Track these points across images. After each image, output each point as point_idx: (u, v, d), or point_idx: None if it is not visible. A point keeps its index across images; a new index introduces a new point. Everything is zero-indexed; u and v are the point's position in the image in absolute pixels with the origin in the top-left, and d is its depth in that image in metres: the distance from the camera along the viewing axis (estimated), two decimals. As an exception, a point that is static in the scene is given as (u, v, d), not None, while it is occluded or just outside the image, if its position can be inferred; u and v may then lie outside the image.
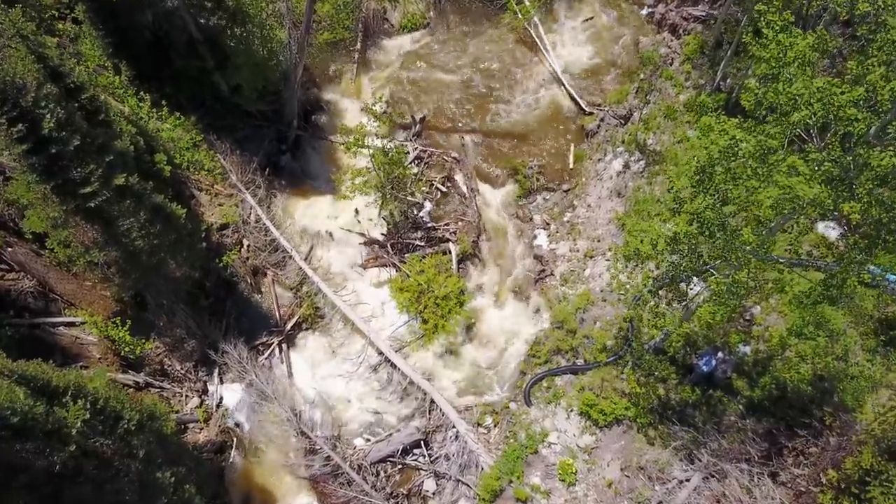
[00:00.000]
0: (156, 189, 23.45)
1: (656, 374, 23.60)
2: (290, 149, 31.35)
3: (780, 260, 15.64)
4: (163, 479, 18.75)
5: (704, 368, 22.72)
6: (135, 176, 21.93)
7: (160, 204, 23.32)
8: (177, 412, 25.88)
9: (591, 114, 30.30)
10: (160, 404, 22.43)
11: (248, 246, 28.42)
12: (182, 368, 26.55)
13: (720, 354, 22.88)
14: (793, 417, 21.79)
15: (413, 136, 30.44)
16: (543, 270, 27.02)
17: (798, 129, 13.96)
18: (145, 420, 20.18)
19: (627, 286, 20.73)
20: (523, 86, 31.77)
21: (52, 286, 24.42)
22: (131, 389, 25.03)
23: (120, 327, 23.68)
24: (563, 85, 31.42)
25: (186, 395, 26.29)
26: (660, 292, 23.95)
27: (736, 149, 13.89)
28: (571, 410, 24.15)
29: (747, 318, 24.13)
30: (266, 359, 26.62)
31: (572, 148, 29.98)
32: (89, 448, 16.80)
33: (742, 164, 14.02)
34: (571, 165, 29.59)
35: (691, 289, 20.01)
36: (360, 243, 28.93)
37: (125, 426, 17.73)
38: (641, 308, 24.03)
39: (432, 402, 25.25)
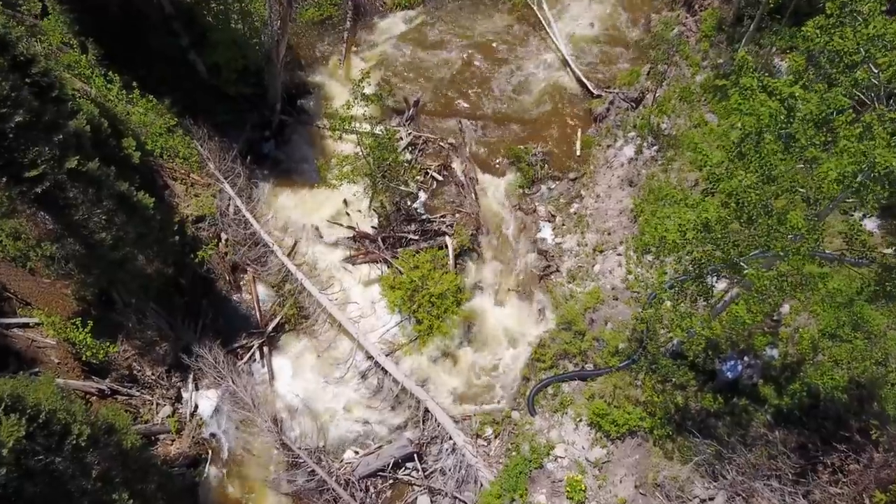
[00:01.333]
0: (120, 176, 21.71)
1: (674, 380, 21.80)
2: (274, 135, 29.91)
3: (826, 253, 13.52)
4: (119, 501, 16.73)
5: (729, 375, 20.80)
6: (95, 161, 19.99)
7: (124, 192, 21.57)
8: (146, 422, 24.26)
9: (599, 96, 29.07)
10: (121, 415, 20.47)
11: (227, 240, 26.95)
12: (153, 374, 24.96)
13: (746, 359, 20.83)
14: (828, 429, 19.73)
15: (406, 121, 29.00)
16: (548, 266, 25.77)
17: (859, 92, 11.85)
18: (101, 434, 18.22)
19: (645, 282, 18.80)
20: (526, 67, 30.61)
21: (3, 283, 22.37)
22: (94, 398, 23.04)
23: (80, 329, 21.78)
24: (569, 66, 30.17)
25: (158, 403, 24.69)
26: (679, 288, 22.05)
27: (792, 111, 11.70)
28: (580, 420, 22.35)
29: (774, 317, 22.14)
30: (245, 363, 25.40)
31: (579, 133, 28.78)
32: (32, 467, 14.84)
33: (801, 127, 11.81)
34: (578, 152, 28.39)
35: (715, 284, 17.95)
36: (349, 237, 27.38)
37: (74, 441, 15.73)
38: (657, 307, 21.96)
39: (427, 411, 23.65)
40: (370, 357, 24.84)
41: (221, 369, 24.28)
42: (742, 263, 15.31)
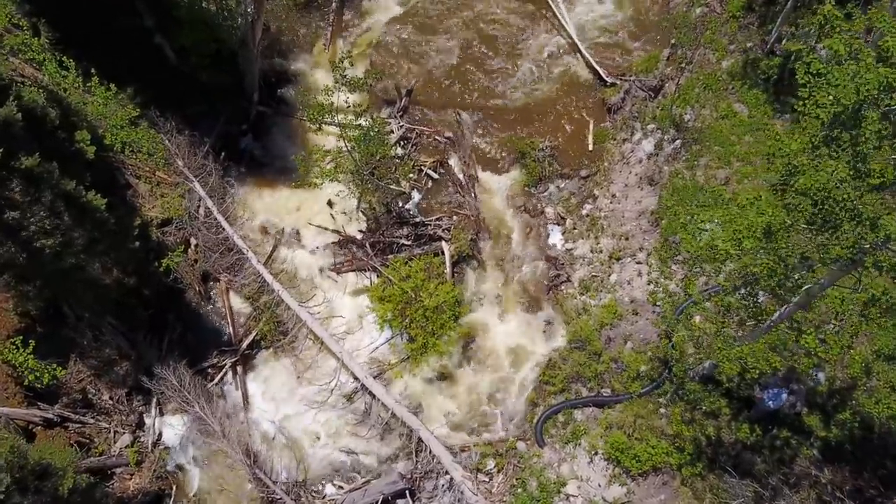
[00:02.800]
0: (67, 173, 19.21)
1: (703, 407, 19.58)
2: (252, 129, 27.77)
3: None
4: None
5: (770, 405, 18.45)
6: (35, 156, 17.59)
7: (71, 192, 19.25)
8: (101, 453, 22.27)
9: (613, 85, 27.21)
10: (62, 452, 17.95)
11: (197, 246, 24.90)
12: (111, 397, 22.86)
13: (793, 387, 18.31)
14: (889, 469, 17.18)
15: (398, 112, 26.92)
16: (558, 275, 24.05)
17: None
18: (31, 480, 15.61)
19: (670, 295, 16.43)
20: (531, 52, 28.65)
21: (-72, 297, 19.87)
22: (39, 428, 20.61)
23: (21, 349, 19.22)
24: (580, 50, 28.24)
25: (116, 431, 22.62)
26: (708, 303, 19.72)
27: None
28: (595, 454, 20.18)
29: (820, 336, 19.56)
30: (216, 385, 23.71)
31: (591, 126, 26.89)
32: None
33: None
34: (591, 147, 26.54)
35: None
36: (334, 242, 25.47)
37: (-11, 495, 13.15)
38: (685, 322, 19.67)
39: (420, 440, 21.77)
40: (357, 378, 22.80)
41: (187, 393, 22.18)
42: (798, 277, 12.69)
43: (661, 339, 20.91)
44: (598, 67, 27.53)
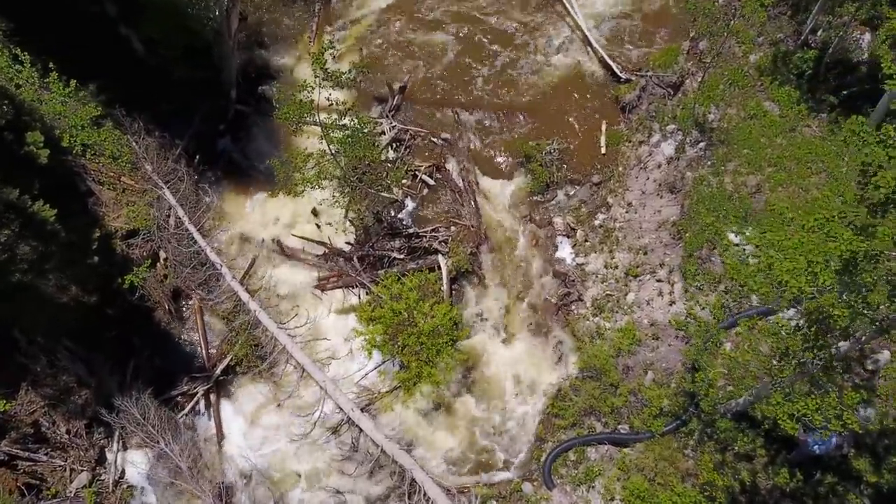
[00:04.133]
0: (11, 180, 17.43)
1: (737, 448, 17.80)
2: (230, 129, 26.41)
3: None
4: None
5: (816, 449, 16.38)
6: (-32, 161, 15.60)
7: (13, 201, 17.44)
8: (54, 495, 20.74)
9: (628, 81, 25.94)
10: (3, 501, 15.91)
11: (166, 260, 23.42)
12: (69, 430, 21.18)
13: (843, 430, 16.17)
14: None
15: (390, 111, 25.61)
16: (568, 294, 22.56)
17: None
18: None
19: (696, 321, 14.48)
20: (537, 45, 27.29)
21: None
22: (-19, 468, 18.50)
23: (-42, 381, 17.19)
24: (591, 43, 26.90)
25: (72, 469, 20.93)
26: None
27: None
28: (612, 499, 18.46)
29: (869, 366, 17.68)
30: (187, 415, 22.26)
31: (604, 127, 25.55)
32: None
33: None
34: (603, 150, 25.19)
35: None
36: (319, 256, 24.00)
37: None
38: (714, 351, 17.67)
39: (414, 481, 19.51)
40: (342, 409, 20.81)
41: (151, 427, 20.55)
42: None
43: (686, 370, 18.71)
44: (610, 62, 26.33)
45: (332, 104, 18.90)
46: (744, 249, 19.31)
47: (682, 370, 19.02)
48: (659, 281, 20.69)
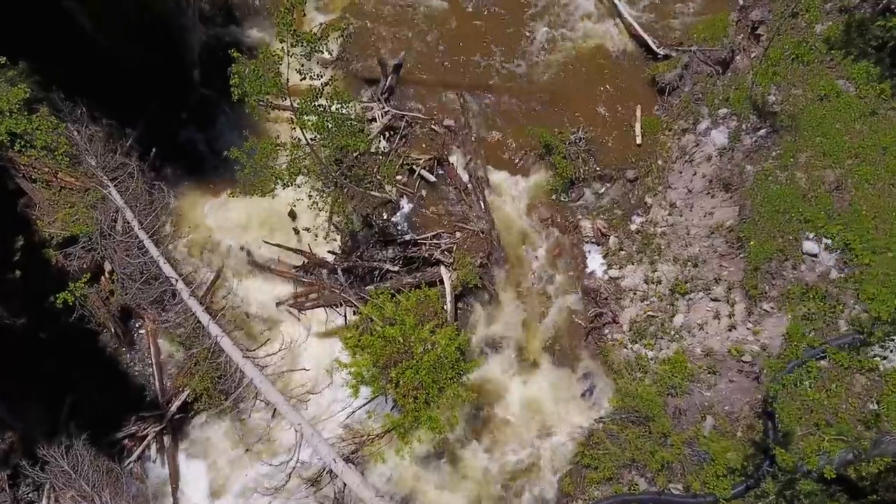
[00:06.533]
0: None
1: None
2: (193, 117, 23.79)
3: None
4: None
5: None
6: None
7: None
8: None
9: (666, 58, 23.58)
10: None
11: (112, 273, 21.01)
12: None
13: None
14: None
15: (383, 94, 23.09)
16: (600, 315, 20.44)
17: None
18: None
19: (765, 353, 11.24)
20: (557, 16, 25.08)
21: None
22: None
23: None
24: (620, 13, 24.75)
25: None
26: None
27: None
28: None
29: None
30: (136, 462, 20.07)
31: (638, 112, 23.23)
32: None
33: None
34: (639, 139, 22.88)
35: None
36: (296, 268, 21.59)
37: None
38: (792, 390, 14.79)
39: None
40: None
41: (84, 482, 18.20)
42: None
43: (755, 415, 15.46)
44: (645, 35, 23.94)
45: (303, 77, 15.55)
46: (824, 259, 16.11)
47: (749, 414, 15.89)
48: (714, 300, 17.87)
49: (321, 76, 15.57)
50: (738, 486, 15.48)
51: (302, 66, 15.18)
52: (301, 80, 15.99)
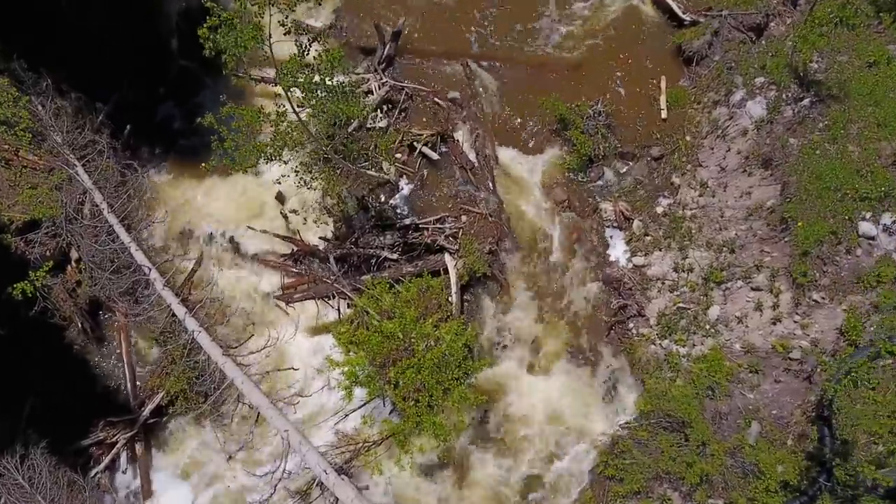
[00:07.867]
0: None
1: None
2: (172, 91, 22.39)
3: None
4: None
5: None
6: None
7: None
8: None
9: (694, 24, 21.82)
10: None
11: (79, 261, 19.84)
12: None
13: None
14: None
15: (380, 64, 21.51)
16: (624, 307, 19.01)
17: None
18: None
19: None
20: None
21: None
22: None
23: None
24: None
25: None
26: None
27: None
28: None
29: None
30: (103, 472, 18.96)
31: (663, 84, 21.61)
32: None
33: None
34: (664, 114, 21.21)
35: None
36: (283, 256, 20.25)
37: None
38: (851, 392, 13.24)
39: None
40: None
41: (41, 498, 16.58)
42: None
43: (808, 420, 13.69)
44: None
45: (287, 32, 13.80)
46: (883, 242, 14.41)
47: (801, 419, 14.08)
48: (755, 289, 16.19)
49: (309, 31, 13.86)
50: (790, 503, 13.68)
51: (286, 17, 13.45)
52: (285, 35, 14.36)
